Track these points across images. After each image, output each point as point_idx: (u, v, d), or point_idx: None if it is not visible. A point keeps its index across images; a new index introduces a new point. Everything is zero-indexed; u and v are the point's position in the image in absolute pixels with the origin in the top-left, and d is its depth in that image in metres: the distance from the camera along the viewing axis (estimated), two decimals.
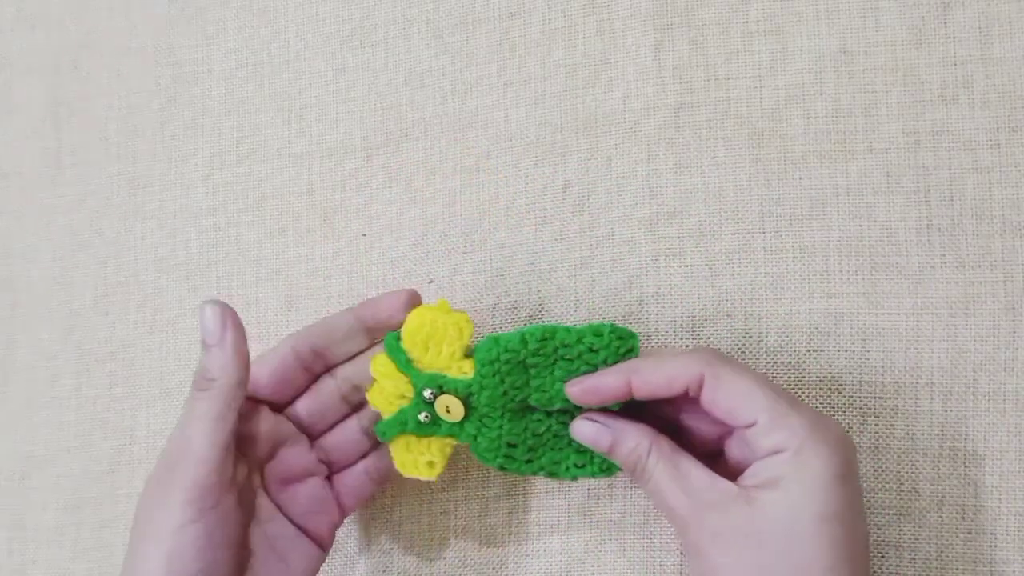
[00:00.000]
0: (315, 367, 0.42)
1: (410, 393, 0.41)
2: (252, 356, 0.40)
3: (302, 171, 0.52)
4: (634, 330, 0.41)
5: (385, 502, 0.48)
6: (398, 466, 0.42)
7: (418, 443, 0.42)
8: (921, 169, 0.44)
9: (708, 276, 0.45)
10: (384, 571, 0.48)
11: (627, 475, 0.40)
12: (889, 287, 0.43)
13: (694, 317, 0.45)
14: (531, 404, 0.40)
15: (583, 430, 0.39)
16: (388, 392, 0.41)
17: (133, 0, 0.56)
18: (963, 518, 0.42)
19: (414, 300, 0.42)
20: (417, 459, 0.41)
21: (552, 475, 0.41)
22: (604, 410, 0.40)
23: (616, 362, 0.39)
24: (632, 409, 0.39)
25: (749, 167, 0.45)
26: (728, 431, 0.39)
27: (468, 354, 0.40)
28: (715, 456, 0.39)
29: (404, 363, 0.41)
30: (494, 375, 0.40)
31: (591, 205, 0.47)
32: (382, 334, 0.42)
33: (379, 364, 0.41)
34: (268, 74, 0.53)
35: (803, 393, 0.43)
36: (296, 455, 0.42)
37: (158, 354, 0.53)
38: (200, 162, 0.54)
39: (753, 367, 0.44)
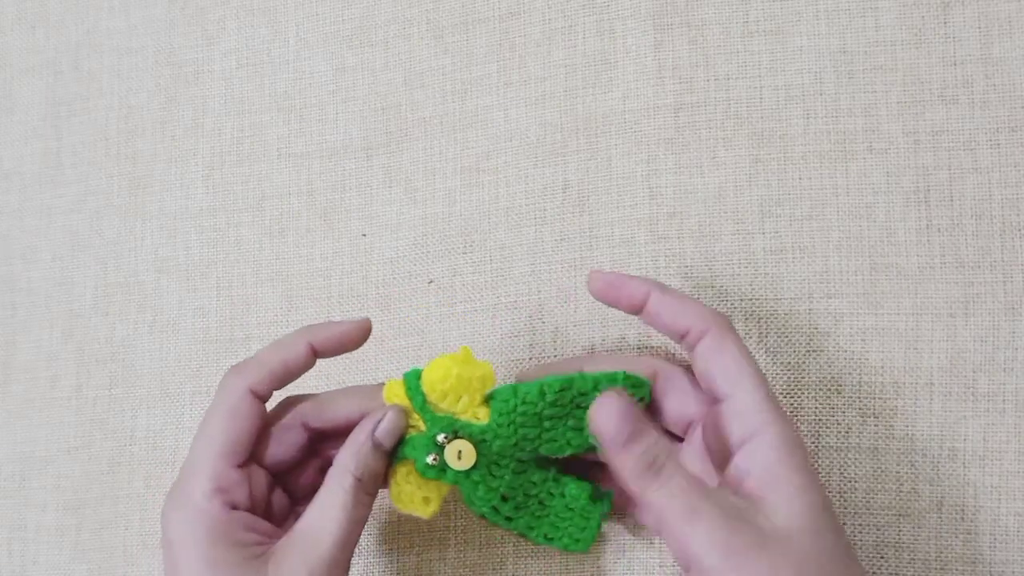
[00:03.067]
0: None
1: (419, 425, 0.40)
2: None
3: (302, 171, 0.52)
4: (645, 379, 0.40)
5: (385, 502, 0.48)
6: (393, 497, 0.40)
7: (415, 475, 0.40)
8: (921, 169, 0.44)
9: (708, 276, 0.45)
10: (384, 571, 0.48)
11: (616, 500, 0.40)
12: (889, 287, 0.43)
13: None
14: (541, 453, 0.40)
15: (603, 411, 0.36)
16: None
17: (133, 0, 0.56)
18: (963, 519, 0.42)
19: (366, 331, 0.41)
20: (413, 494, 0.40)
21: (523, 535, 0.42)
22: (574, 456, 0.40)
23: None
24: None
25: (749, 167, 0.45)
26: (696, 416, 0.39)
27: (484, 400, 0.40)
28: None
29: (420, 405, 0.39)
30: (509, 425, 0.39)
31: (591, 205, 0.47)
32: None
33: (392, 395, 0.40)
34: (268, 74, 0.53)
35: (803, 393, 0.43)
36: (278, 499, 0.41)
37: (158, 354, 0.53)
38: (200, 162, 0.54)
39: None
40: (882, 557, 0.42)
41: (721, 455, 0.37)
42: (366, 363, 0.49)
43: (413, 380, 0.40)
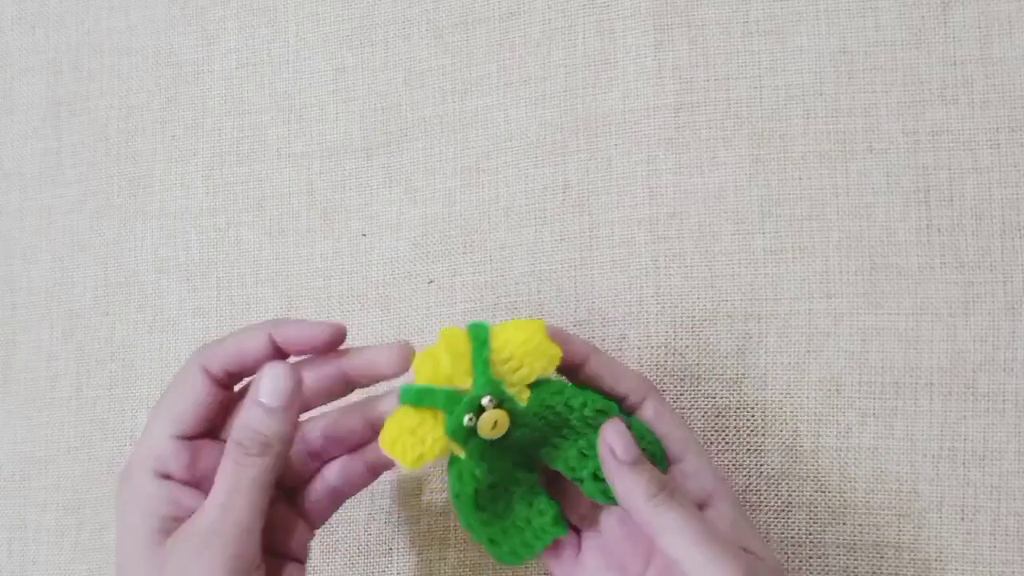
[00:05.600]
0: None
1: (462, 384, 0.37)
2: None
3: (302, 171, 0.52)
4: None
5: (384, 502, 0.48)
6: (386, 442, 0.37)
7: (424, 428, 0.37)
8: (921, 169, 0.44)
9: (708, 276, 0.45)
10: (384, 571, 0.48)
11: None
12: (889, 287, 0.43)
13: (694, 317, 0.45)
14: (539, 458, 0.39)
15: (615, 429, 0.36)
16: (442, 367, 0.36)
17: (133, 0, 0.56)
18: (962, 519, 0.42)
19: (406, 355, 0.38)
20: (408, 443, 0.36)
21: (469, 529, 0.40)
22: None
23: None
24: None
25: (749, 167, 0.45)
26: None
27: (531, 383, 0.37)
28: None
29: (484, 358, 0.36)
30: (543, 418, 0.38)
31: (591, 205, 0.47)
32: (363, 384, 0.39)
33: (454, 339, 0.37)
34: (268, 74, 0.53)
35: (803, 393, 0.44)
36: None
37: (158, 354, 0.53)
38: (200, 162, 0.54)
39: (753, 367, 0.44)
40: (882, 557, 0.42)
41: None
42: None
43: (482, 332, 0.37)
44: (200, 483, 0.38)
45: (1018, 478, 0.42)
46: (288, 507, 0.40)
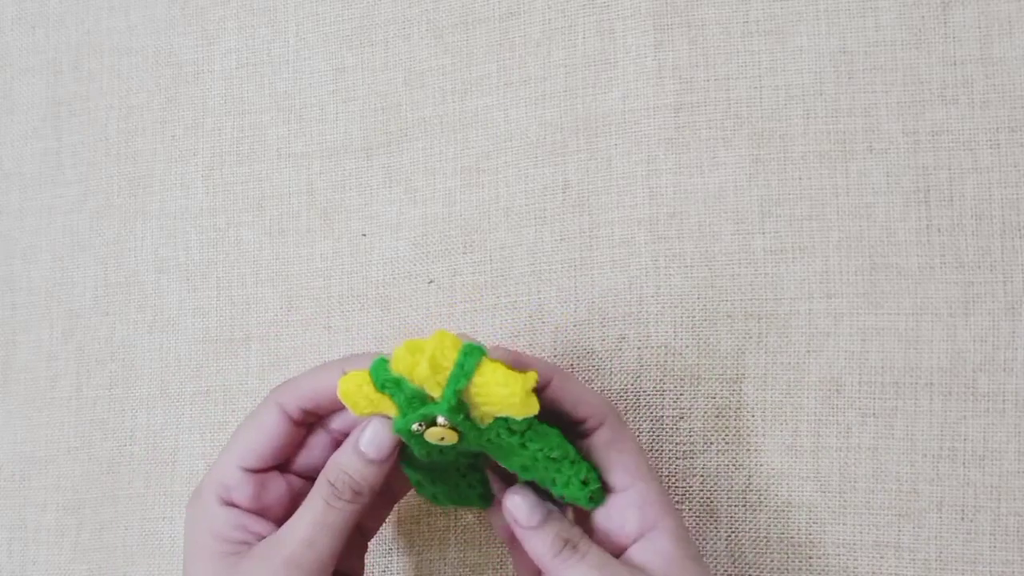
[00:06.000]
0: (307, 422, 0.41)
1: (430, 391, 0.36)
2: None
3: (302, 171, 0.52)
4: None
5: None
6: (346, 394, 0.37)
7: (380, 401, 0.37)
8: (921, 169, 0.44)
9: (708, 276, 0.45)
10: (384, 571, 0.48)
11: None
12: (889, 287, 0.43)
13: (694, 317, 0.45)
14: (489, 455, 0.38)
15: (515, 499, 0.38)
16: (418, 372, 0.36)
17: (133, 0, 0.56)
18: (963, 519, 0.42)
19: None
20: (368, 406, 0.37)
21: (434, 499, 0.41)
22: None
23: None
24: None
25: (749, 167, 0.45)
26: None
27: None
28: None
29: (457, 389, 0.35)
30: (493, 443, 0.37)
31: (591, 205, 0.47)
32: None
33: (442, 350, 0.35)
34: (268, 74, 0.53)
35: (803, 393, 0.44)
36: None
37: (158, 354, 0.53)
38: (200, 162, 0.54)
39: (753, 367, 0.44)
40: (882, 557, 0.42)
41: (612, 544, 0.38)
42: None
43: (470, 363, 0.35)
44: (265, 512, 0.40)
45: (1018, 478, 0.42)
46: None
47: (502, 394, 0.35)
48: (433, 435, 0.36)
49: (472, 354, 0.35)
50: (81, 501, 0.53)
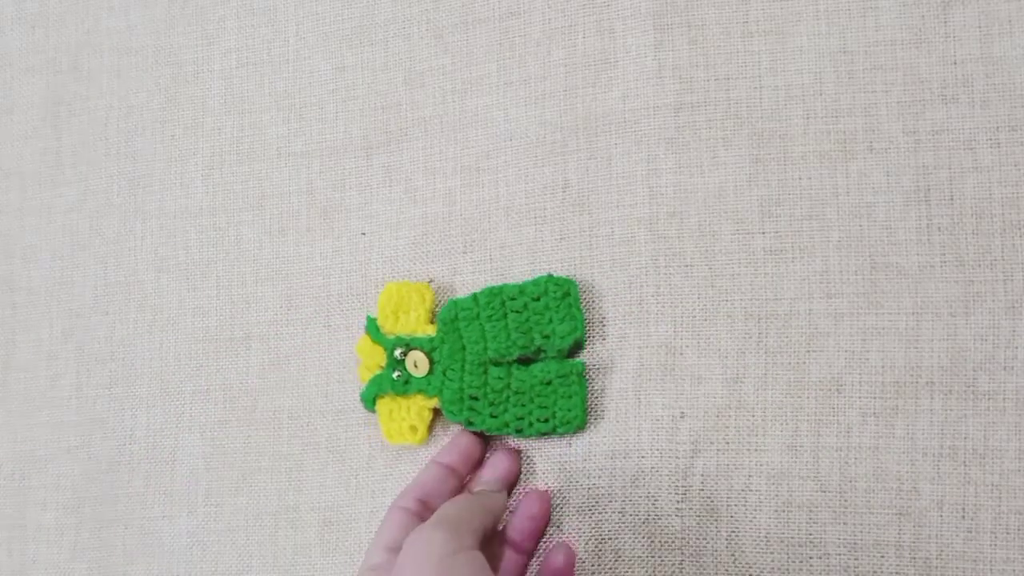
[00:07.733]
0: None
1: (386, 362, 0.47)
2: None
3: (302, 170, 0.52)
4: (571, 277, 0.46)
5: (385, 501, 0.48)
6: (385, 434, 0.47)
7: (399, 409, 0.47)
8: (921, 169, 0.44)
9: (708, 276, 0.45)
10: None
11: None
12: (889, 287, 0.43)
13: (694, 317, 0.45)
14: (491, 357, 0.45)
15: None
16: (369, 365, 0.47)
17: (133, 0, 0.57)
18: (963, 517, 0.42)
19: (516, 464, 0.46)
20: (400, 425, 0.46)
21: (519, 432, 0.45)
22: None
23: (557, 306, 0.45)
24: None
25: (749, 167, 0.45)
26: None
27: (433, 320, 0.47)
28: None
29: (377, 334, 0.47)
30: (453, 331, 0.46)
31: (591, 205, 0.47)
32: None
33: (361, 344, 0.48)
34: (268, 73, 0.53)
35: (803, 393, 0.43)
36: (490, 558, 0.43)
37: (158, 354, 0.53)
38: (200, 162, 0.54)
39: (753, 367, 0.44)
40: (882, 557, 0.42)
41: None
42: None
43: (370, 319, 0.48)
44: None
45: (1019, 476, 0.42)
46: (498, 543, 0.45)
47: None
48: (410, 364, 0.46)
49: (368, 320, 0.48)
50: (80, 500, 0.53)
